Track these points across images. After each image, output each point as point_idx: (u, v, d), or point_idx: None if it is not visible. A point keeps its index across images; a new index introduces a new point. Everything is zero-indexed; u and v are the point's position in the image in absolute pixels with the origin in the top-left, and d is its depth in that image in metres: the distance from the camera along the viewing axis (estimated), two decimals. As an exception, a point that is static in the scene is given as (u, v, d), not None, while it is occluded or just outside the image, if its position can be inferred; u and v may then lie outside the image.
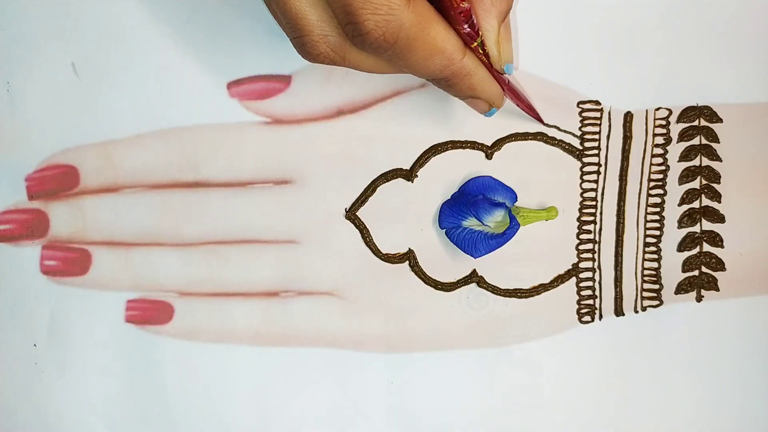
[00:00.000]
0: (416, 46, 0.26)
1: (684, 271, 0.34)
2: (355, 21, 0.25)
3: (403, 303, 0.34)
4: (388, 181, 0.34)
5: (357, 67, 0.28)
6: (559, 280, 0.34)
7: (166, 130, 0.33)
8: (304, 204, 0.34)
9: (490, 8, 0.27)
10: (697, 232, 0.34)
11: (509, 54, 0.29)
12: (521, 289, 0.34)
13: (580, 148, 0.34)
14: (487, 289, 0.34)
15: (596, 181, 0.34)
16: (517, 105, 0.32)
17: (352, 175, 0.34)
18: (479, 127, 0.33)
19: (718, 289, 0.34)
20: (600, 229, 0.34)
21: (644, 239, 0.34)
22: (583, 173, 0.34)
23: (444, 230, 0.34)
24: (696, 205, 0.34)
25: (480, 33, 0.27)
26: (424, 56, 0.27)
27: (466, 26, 0.27)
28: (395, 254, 0.34)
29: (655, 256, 0.34)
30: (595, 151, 0.34)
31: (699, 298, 0.34)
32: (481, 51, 0.28)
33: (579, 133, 0.34)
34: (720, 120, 0.34)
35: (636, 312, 0.34)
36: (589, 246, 0.34)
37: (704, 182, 0.34)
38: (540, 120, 0.33)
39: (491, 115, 0.31)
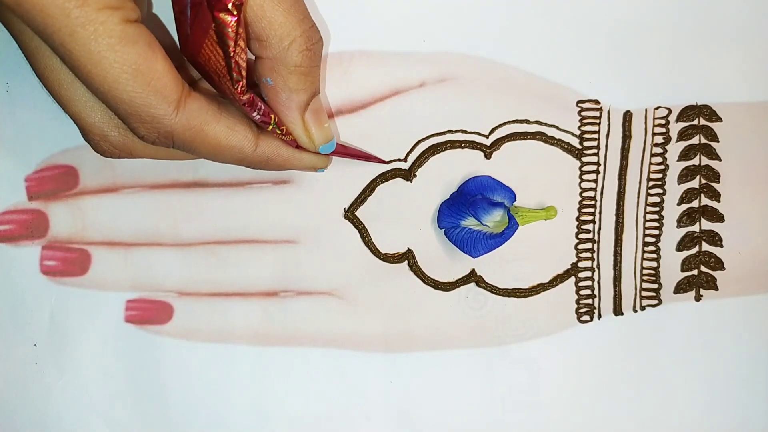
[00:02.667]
0: (197, 146, 0.27)
1: (683, 270, 0.34)
2: (128, 128, 0.26)
3: (402, 303, 0.34)
4: (386, 180, 0.34)
5: (152, 158, 0.29)
6: (558, 279, 0.34)
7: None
8: (303, 204, 0.34)
9: (288, 102, 0.27)
10: (696, 232, 0.34)
11: (323, 136, 0.29)
12: (520, 289, 0.34)
13: (580, 147, 0.34)
14: (486, 289, 0.34)
15: (595, 181, 0.34)
16: (358, 159, 0.32)
17: (350, 174, 0.34)
18: (479, 127, 0.33)
19: (717, 289, 0.34)
20: (599, 229, 0.34)
21: (643, 238, 0.34)
22: (582, 172, 0.34)
23: (443, 230, 0.34)
24: (695, 204, 0.34)
25: (273, 117, 0.27)
26: (212, 153, 0.27)
27: (254, 114, 0.26)
28: (394, 254, 0.34)
29: (654, 256, 0.34)
30: (595, 151, 0.34)
31: (698, 298, 0.34)
32: (278, 132, 0.28)
33: (578, 132, 0.34)
34: (719, 119, 0.34)
35: (635, 311, 0.34)
36: (588, 245, 0.34)
37: (703, 181, 0.34)
38: (382, 162, 0.33)
39: (321, 172, 0.31)
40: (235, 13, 0.23)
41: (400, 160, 0.34)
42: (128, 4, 0.24)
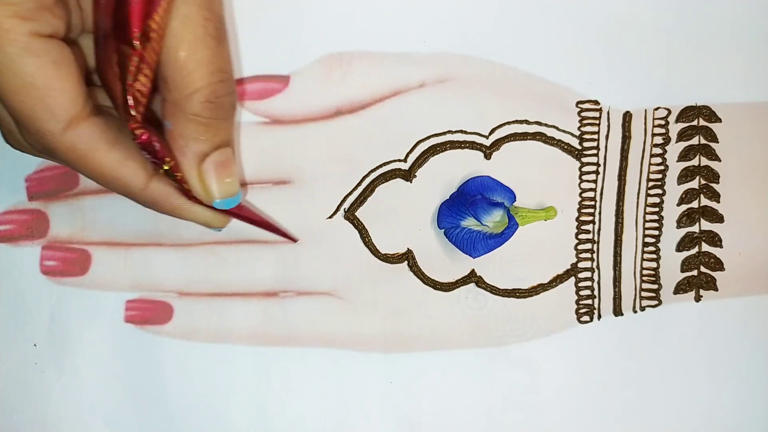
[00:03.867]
0: (81, 169, 0.26)
1: (683, 271, 0.34)
2: (20, 132, 0.26)
3: (401, 303, 0.34)
4: (386, 181, 0.34)
5: (57, 162, 0.28)
6: (558, 279, 0.34)
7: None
8: (302, 204, 0.34)
9: (184, 150, 0.26)
10: (695, 232, 0.34)
11: (222, 191, 0.27)
12: (520, 289, 0.34)
13: (579, 147, 0.34)
14: (485, 289, 0.34)
15: (595, 181, 0.34)
16: (255, 225, 0.31)
17: (350, 175, 0.34)
18: (478, 127, 0.33)
19: (716, 289, 0.34)
20: (599, 229, 0.34)
21: (643, 239, 0.34)
22: (581, 173, 0.34)
23: (443, 230, 0.34)
24: (695, 204, 0.34)
25: (168, 161, 0.26)
26: (96, 179, 0.27)
27: (146, 154, 0.25)
28: (394, 254, 0.34)
29: (654, 256, 0.34)
30: (594, 151, 0.34)
31: (698, 298, 0.34)
32: (171, 178, 0.26)
33: (578, 132, 0.34)
34: (719, 120, 0.34)
35: (635, 312, 0.34)
36: (588, 246, 0.34)
37: (703, 182, 0.34)
38: (290, 238, 0.33)
39: (218, 231, 0.30)
40: (139, 47, 0.23)
41: (400, 160, 0.34)
42: (44, 17, 0.24)
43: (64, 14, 0.25)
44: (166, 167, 0.26)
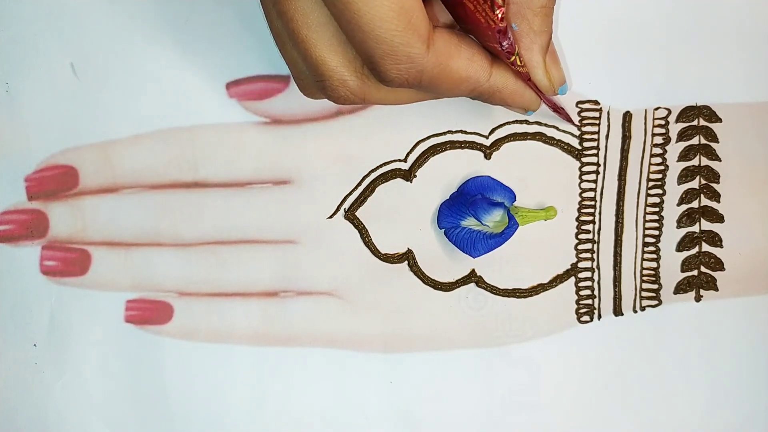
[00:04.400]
0: (442, 82, 0.27)
1: (683, 270, 0.34)
2: (378, 70, 0.25)
3: (401, 303, 0.34)
4: (386, 181, 0.34)
5: (381, 102, 0.29)
6: (558, 279, 0.34)
7: (164, 130, 0.33)
8: (302, 204, 0.34)
9: (531, 45, 0.27)
10: (696, 232, 0.34)
11: (560, 77, 0.29)
12: (520, 289, 0.34)
13: (579, 147, 0.34)
14: (486, 289, 0.34)
15: (595, 181, 0.34)
16: (552, 110, 0.32)
17: (350, 175, 0.34)
18: (479, 127, 0.33)
19: (717, 289, 0.34)
20: (599, 229, 0.34)
21: (643, 239, 0.34)
22: (582, 173, 0.34)
23: (443, 230, 0.34)
24: (695, 204, 0.34)
25: (517, 50, 0.27)
26: (449, 87, 0.27)
27: (504, 44, 0.27)
28: (394, 254, 0.34)
29: (654, 256, 0.34)
30: (594, 151, 0.34)
31: (698, 298, 0.34)
32: (518, 63, 0.28)
33: (578, 132, 0.34)
34: (719, 119, 0.34)
35: (635, 312, 0.34)
36: (588, 246, 0.34)
37: (703, 182, 0.34)
38: (572, 122, 0.33)
39: (529, 115, 0.32)
40: None
41: (400, 160, 0.34)
42: None
43: None
44: (515, 56, 0.27)
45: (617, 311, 0.34)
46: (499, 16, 0.25)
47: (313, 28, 0.26)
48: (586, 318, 0.34)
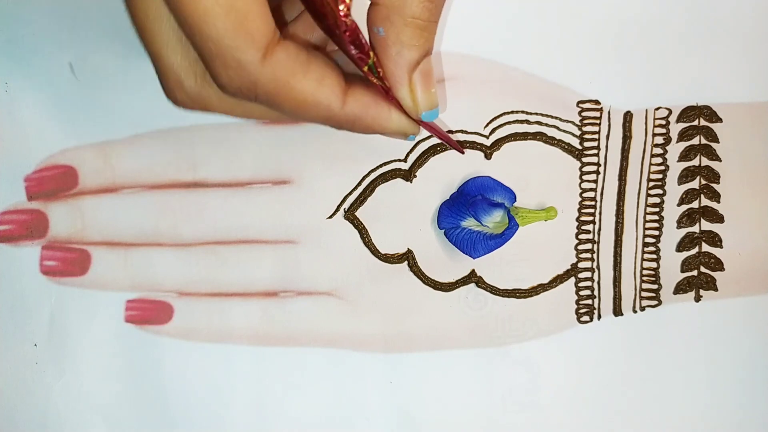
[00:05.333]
0: (281, 101, 0.25)
1: (683, 271, 0.34)
2: (210, 72, 0.24)
3: (401, 303, 0.34)
4: (387, 181, 0.34)
5: (227, 114, 0.26)
6: (558, 280, 0.34)
7: (164, 130, 0.33)
8: (302, 204, 0.34)
9: (397, 58, 0.25)
10: (696, 232, 0.34)
11: (427, 102, 0.26)
12: (520, 289, 0.34)
13: (580, 147, 0.34)
14: (486, 290, 0.34)
15: (595, 181, 0.34)
16: (436, 136, 0.30)
17: (350, 175, 0.34)
18: (479, 127, 0.33)
19: (716, 289, 0.34)
20: (599, 229, 0.34)
21: (643, 239, 0.34)
22: (582, 173, 0.34)
23: (443, 230, 0.33)
24: (695, 205, 0.34)
25: (372, 56, 0.25)
26: (295, 109, 0.25)
27: (352, 48, 0.24)
28: (394, 254, 0.34)
29: (654, 256, 0.34)
30: (595, 151, 0.34)
31: (698, 298, 0.34)
32: (373, 76, 0.25)
33: (578, 132, 0.34)
34: (720, 120, 0.34)
35: (635, 312, 0.34)
36: (588, 246, 0.34)
37: (703, 182, 0.34)
38: (460, 150, 0.32)
39: (412, 140, 0.29)
40: None
41: (400, 160, 0.34)
42: None
43: None
44: (371, 61, 0.25)
45: (617, 311, 0.34)
46: (343, 12, 0.23)
47: (151, 19, 0.24)
48: (586, 318, 0.34)
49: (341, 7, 0.23)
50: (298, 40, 0.26)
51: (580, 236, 0.34)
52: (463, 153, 0.32)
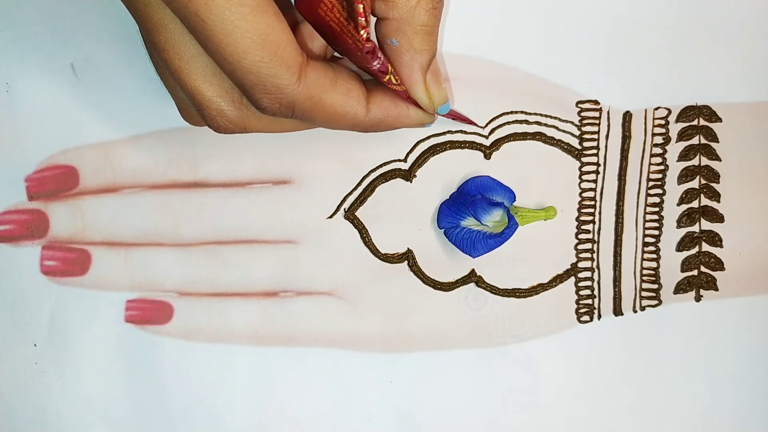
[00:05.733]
0: (316, 115, 0.27)
1: (683, 270, 0.34)
2: (251, 99, 0.26)
3: (401, 303, 0.34)
4: (386, 181, 0.34)
5: (265, 131, 0.29)
6: (558, 279, 0.34)
7: (164, 130, 0.33)
8: (302, 204, 0.34)
9: (411, 63, 0.27)
10: (696, 232, 0.34)
11: (441, 97, 0.29)
12: (520, 289, 0.34)
13: (579, 147, 0.34)
14: (485, 289, 0.34)
15: (595, 181, 0.34)
16: (452, 119, 0.32)
17: (350, 175, 0.34)
18: (478, 127, 0.33)
19: (717, 289, 0.34)
20: (599, 229, 0.34)
21: (643, 239, 0.34)
22: (582, 173, 0.34)
23: (443, 230, 0.34)
24: (695, 204, 0.34)
25: (390, 69, 0.27)
26: (327, 121, 0.27)
27: (375, 63, 0.26)
28: (394, 254, 0.34)
29: (654, 256, 0.34)
30: (594, 151, 0.34)
31: (698, 298, 0.34)
32: (394, 82, 0.28)
33: (578, 132, 0.34)
34: (719, 119, 0.34)
35: (635, 312, 0.34)
36: (588, 246, 0.34)
37: (703, 182, 0.34)
38: (476, 124, 0.33)
39: (428, 126, 0.31)
40: None
41: (400, 160, 0.34)
42: None
43: None
44: (389, 75, 0.27)
45: (617, 311, 0.34)
46: (365, 36, 0.25)
47: (185, 59, 0.26)
48: (586, 318, 0.34)
49: (362, 32, 0.25)
50: (322, 61, 0.28)
51: (580, 236, 0.34)
52: (481, 126, 0.33)
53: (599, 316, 0.34)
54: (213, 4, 0.23)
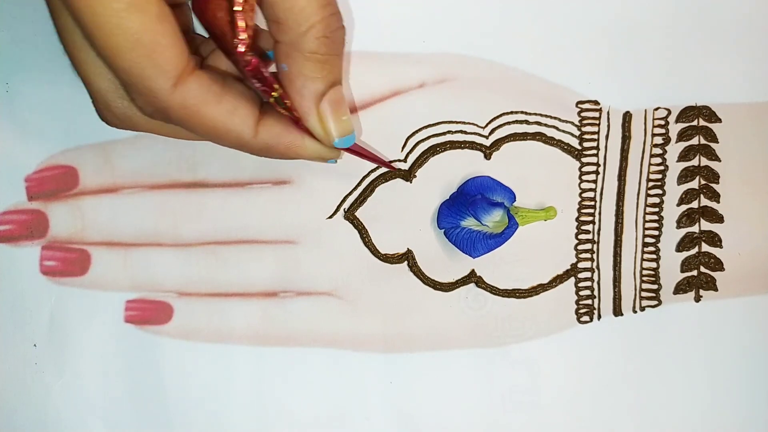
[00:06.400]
0: (193, 126, 0.26)
1: (683, 271, 0.34)
2: (129, 96, 0.26)
3: (401, 303, 0.34)
4: (386, 181, 0.34)
5: (156, 133, 0.29)
6: (558, 280, 0.34)
7: (164, 130, 0.33)
8: (302, 204, 0.34)
9: (302, 90, 0.26)
10: (695, 232, 0.34)
11: (340, 129, 0.27)
12: (520, 289, 0.34)
13: (579, 148, 0.34)
14: (485, 289, 0.34)
15: (595, 181, 0.34)
16: (363, 158, 0.31)
17: (350, 175, 0.34)
18: (478, 127, 0.33)
19: (716, 289, 0.34)
20: (599, 229, 0.34)
21: (643, 239, 0.34)
22: (581, 173, 0.34)
23: (443, 230, 0.34)
24: (695, 205, 0.34)
25: (277, 89, 0.26)
26: (208, 135, 0.27)
27: (255, 82, 0.25)
28: (394, 254, 0.34)
29: (654, 257, 0.34)
30: (594, 151, 0.34)
31: (697, 298, 0.34)
32: (280, 107, 0.26)
33: (578, 132, 0.34)
34: (719, 120, 0.34)
35: (634, 312, 0.34)
36: (588, 246, 0.34)
37: (703, 182, 0.34)
38: (391, 168, 0.33)
39: (333, 163, 0.30)
40: None
41: (400, 160, 0.34)
42: None
43: None
44: (275, 94, 0.26)
45: (617, 311, 0.34)
46: (241, 48, 0.24)
47: (77, 47, 0.26)
48: (585, 318, 0.34)
49: (240, 46, 0.24)
50: (215, 72, 0.27)
51: (580, 236, 0.34)
52: (394, 170, 0.33)
53: (599, 317, 0.34)
54: None
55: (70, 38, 0.26)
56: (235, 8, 0.23)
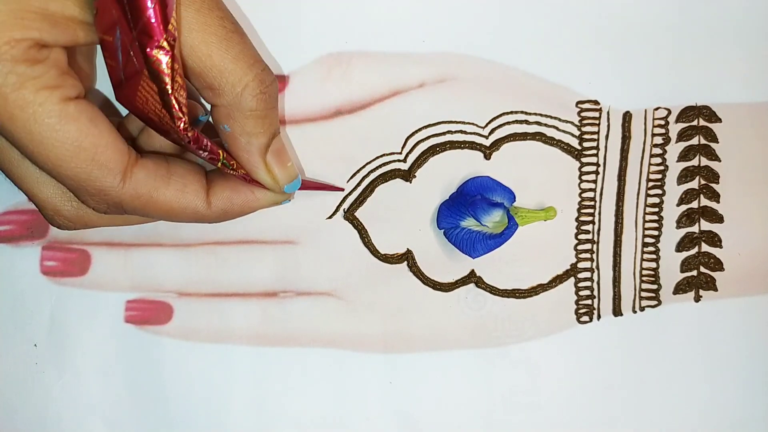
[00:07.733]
0: (149, 212, 0.27)
1: (682, 271, 0.34)
2: (79, 199, 0.26)
3: (401, 303, 0.34)
4: (386, 181, 0.34)
5: (109, 225, 0.29)
6: (558, 280, 0.34)
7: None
8: (302, 204, 0.34)
9: (248, 147, 0.27)
10: (695, 233, 0.34)
11: (286, 176, 0.28)
12: (520, 290, 0.34)
13: (579, 148, 0.34)
14: (485, 290, 0.34)
15: (595, 181, 0.34)
16: (314, 190, 0.32)
17: (350, 175, 0.34)
18: (478, 127, 0.33)
19: (716, 289, 0.34)
20: (598, 230, 0.34)
21: (643, 239, 0.34)
22: (581, 173, 0.34)
23: (442, 230, 0.34)
24: (695, 205, 0.34)
25: (221, 153, 0.26)
26: (165, 216, 0.27)
27: (201, 152, 0.26)
28: (393, 254, 0.34)
29: (654, 257, 0.34)
30: (594, 151, 0.34)
31: (697, 299, 0.34)
32: (228, 169, 0.27)
33: (578, 132, 0.34)
34: (719, 120, 0.34)
35: (634, 312, 0.34)
36: (588, 246, 0.34)
37: (703, 182, 0.34)
38: (340, 190, 0.33)
39: (287, 203, 0.31)
40: (168, 49, 0.23)
41: (400, 161, 0.34)
42: (68, 81, 0.24)
43: (77, 74, 0.25)
44: (222, 158, 0.27)
45: (617, 311, 0.34)
46: (182, 127, 0.24)
47: (15, 164, 0.26)
48: (585, 318, 0.34)
49: (180, 124, 0.24)
50: (156, 156, 0.28)
51: (580, 236, 0.34)
52: (342, 190, 0.33)
53: (599, 317, 0.34)
54: (17, 118, 0.23)
55: (4, 157, 0.26)
56: (169, 91, 0.23)
